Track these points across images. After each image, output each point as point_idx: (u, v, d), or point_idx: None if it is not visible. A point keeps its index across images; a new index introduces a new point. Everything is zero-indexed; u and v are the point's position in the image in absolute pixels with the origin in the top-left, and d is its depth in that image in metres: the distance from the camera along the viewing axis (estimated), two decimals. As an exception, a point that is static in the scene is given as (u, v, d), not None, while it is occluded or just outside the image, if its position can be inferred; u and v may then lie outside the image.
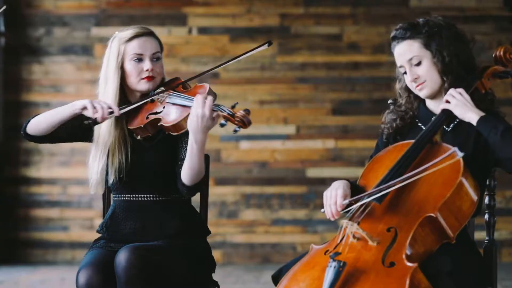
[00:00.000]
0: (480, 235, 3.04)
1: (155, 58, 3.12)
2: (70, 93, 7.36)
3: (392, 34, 2.91)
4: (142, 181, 3.09)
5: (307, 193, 7.23)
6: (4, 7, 3.73)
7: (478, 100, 2.85)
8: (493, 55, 2.94)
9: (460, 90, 2.82)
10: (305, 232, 7.23)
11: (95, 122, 2.97)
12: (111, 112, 2.97)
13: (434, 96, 2.90)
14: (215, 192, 7.17)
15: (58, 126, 3.05)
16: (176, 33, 7.28)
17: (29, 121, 3.09)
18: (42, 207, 7.33)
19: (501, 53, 2.91)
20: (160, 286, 2.88)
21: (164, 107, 3.00)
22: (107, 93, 3.10)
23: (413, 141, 2.81)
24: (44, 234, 7.32)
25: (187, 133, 2.97)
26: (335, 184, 2.79)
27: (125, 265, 2.81)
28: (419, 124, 2.94)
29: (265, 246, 7.27)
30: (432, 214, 2.60)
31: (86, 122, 2.99)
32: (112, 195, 3.19)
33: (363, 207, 2.71)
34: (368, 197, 2.70)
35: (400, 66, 2.91)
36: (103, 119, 2.97)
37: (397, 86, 3.01)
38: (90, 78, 7.34)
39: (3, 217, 7.27)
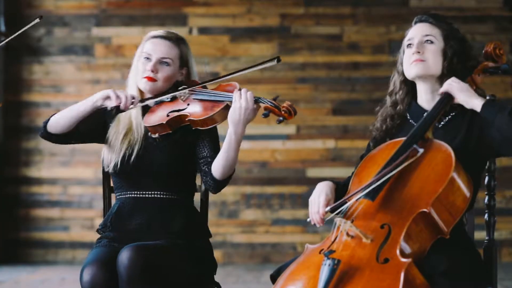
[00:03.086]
0: (480, 235, 3.04)
1: (164, 63, 3.15)
2: (70, 93, 7.36)
3: (417, 17, 3.02)
4: (152, 178, 3.11)
5: (307, 193, 7.22)
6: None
7: None
8: (483, 51, 2.98)
9: (459, 80, 2.87)
10: (305, 232, 7.23)
11: (119, 109, 3.03)
12: (134, 102, 3.04)
13: (422, 78, 2.92)
14: (215, 192, 7.17)
15: (80, 121, 3.09)
16: (176, 33, 7.27)
17: (49, 119, 3.14)
18: (43, 207, 7.33)
19: (491, 49, 2.96)
20: (162, 286, 2.89)
21: (188, 104, 3.07)
22: (129, 85, 3.20)
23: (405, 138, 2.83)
24: (44, 234, 7.32)
25: (209, 132, 3.09)
26: (318, 188, 2.85)
27: (128, 264, 2.82)
28: (411, 121, 2.97)
29: (265, 246, 7.28)
30: (425, 210, 2.61)
31: (109, 108, 3.04)
32: (115, 193, 3.20)
33: (356, 204, 2.73)
34: (359, 194, 2.71)
35: (409, 39, 2.97)
36: (126, 108, 3.03)
37: (395, 77, 3.05)
38: (90, 78, 7.35)
39: (3, 217, 7.28)
